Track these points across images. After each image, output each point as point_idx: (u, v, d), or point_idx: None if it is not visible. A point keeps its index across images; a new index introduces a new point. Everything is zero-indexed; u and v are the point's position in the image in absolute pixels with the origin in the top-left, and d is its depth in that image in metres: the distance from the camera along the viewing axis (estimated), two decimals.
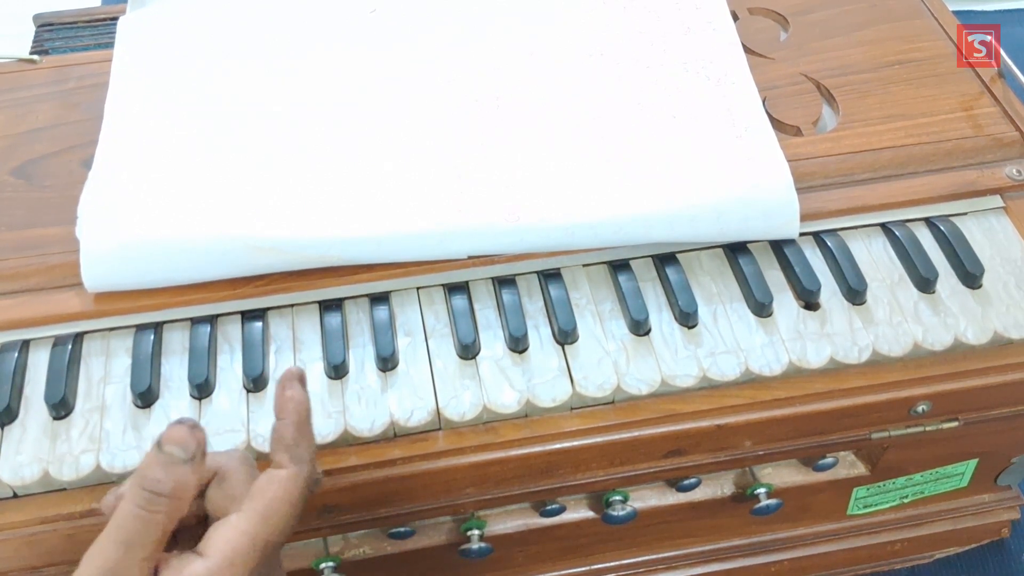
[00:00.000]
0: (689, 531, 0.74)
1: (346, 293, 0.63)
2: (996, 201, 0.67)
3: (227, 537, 0.47)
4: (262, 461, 0.53)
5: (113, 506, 0.49)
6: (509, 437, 0.59)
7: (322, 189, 0.63)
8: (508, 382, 0.59)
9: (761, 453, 0.64)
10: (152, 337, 0.61)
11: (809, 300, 0.63)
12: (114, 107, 0.69)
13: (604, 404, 0.60)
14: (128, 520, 0.46)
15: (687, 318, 0.61)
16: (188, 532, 0.49)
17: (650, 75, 0.70)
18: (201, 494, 0.50)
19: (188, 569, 0.46)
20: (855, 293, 0.62)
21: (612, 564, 0.75)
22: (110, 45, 0.75)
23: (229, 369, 0.60)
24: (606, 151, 0.65)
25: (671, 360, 0.60)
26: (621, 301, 0.62)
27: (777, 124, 0.69)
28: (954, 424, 0.65)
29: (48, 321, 0.61)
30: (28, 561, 0.59)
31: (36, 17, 0.87)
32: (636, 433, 0.59)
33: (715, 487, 0.71)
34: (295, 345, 0.61)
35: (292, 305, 0.63)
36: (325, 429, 0.58)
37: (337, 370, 0.59)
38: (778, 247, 0.65)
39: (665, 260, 0.64)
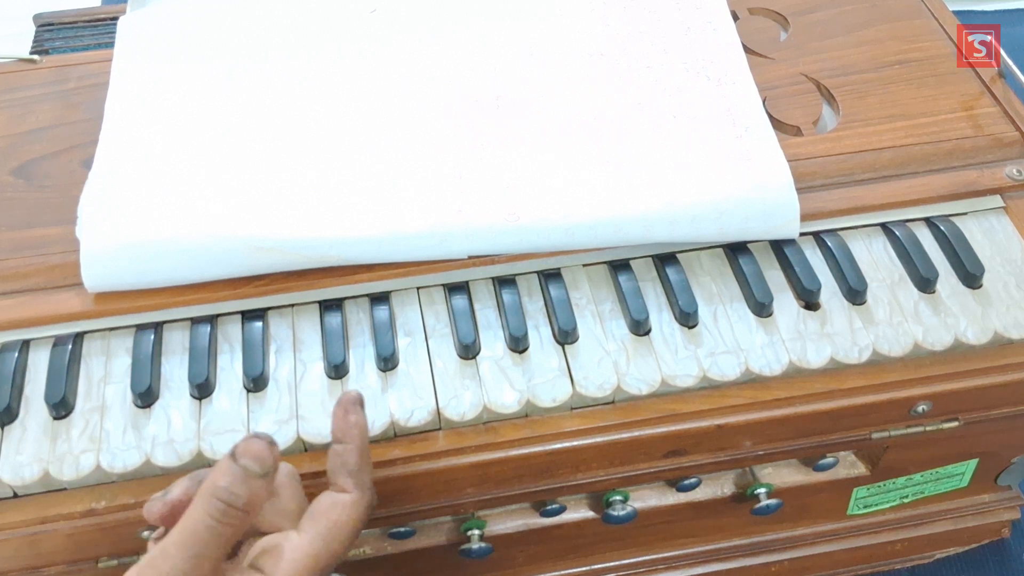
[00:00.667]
0: (689, 531, 0.74)
1: (346, 293, 0.63)
2: (996, 201, 0.67)
3: (293, 558, 0.48)
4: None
5: (160, 513, 0.49)
6: (509, 437, 0.59)
7: (322, 189, 0.63)
8: (508, 382, 0.59)
9: (761, 453, 0.64)
10: (152, 337, 0.61)
11: (809, 300, 0.63)
12: (114, 107, 0.69)
13: (604, 404, 0.60)
14: (200, 530, 0.46)
15: (687, 318, 0.61)
16: None
17: (650, 75, 0.70)
18: None
19: None
20: (855, 293, 0.62)
21: (612, 564, 0.75)
22: (110, 45, 0.75)
23: (229, 369, 0.60)
24: (606, 151, 0.65)
25: (671, 360, 0.60)
26: (621, 301, 0.62)
27: (777, 124, 0.69)
28: (954, 424, 0.65)
29: (48, 321, 0.61)
30: (28, 561, 0.59)
31: (36, 17, 0.87)
32: (636, 433, 0.59)
33: (715, 487, 0.71)
34: (295, 345, 0.61)
35: (292, 305, 0.63)
36: (325, 429, 0.58)
37: (337, 370, 0.59)
38: (778, 247, 0.65)
39: (665, 260, 0.64)
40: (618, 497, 0.67)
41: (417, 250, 0.62)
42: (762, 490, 0.69)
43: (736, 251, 0.64)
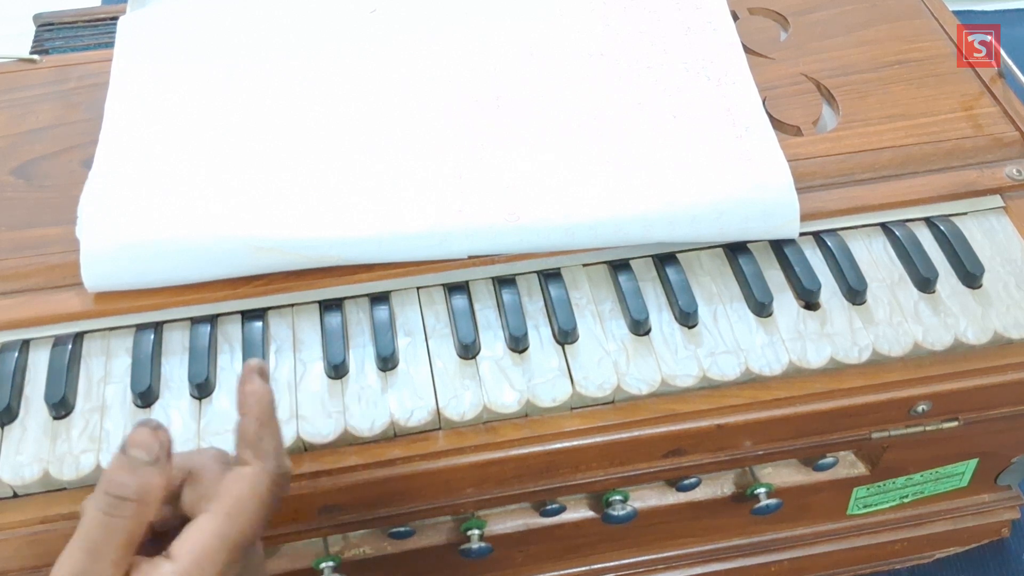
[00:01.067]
0: (689, 531, 0.74)
1: (346, 293, 0.63)
2: (996, 201, 0.67)
3: (194, 538, 0.46)
4: None
5: None
6: (509, 437, 0.59)
7: (322, 189, 0.63)
8: (508, 382, 0.59)
9: (761, 453, 0.64)
10: (152, 337, 0.61)
11: (809, 300, 0.63)
12: (114, 107, 0.69)
13: (604, 404, 0.60)
14: (93, 526, 0.45)
15: (687, 318, 0.61)
16: (172, 534, 0.49)
17: (650, 75, 0.70)
18: (178, 496, 0.49)
19: (156, 571, 0.45)
20: (855, 293, 0.62)
21: (612, 564, 0.75)
22: (110, 45, 0.75)
23: (229, 369, 0.60)
24: (606, 151, 0.65)
25: (671, 360, 0.60)
26: (621, 301, 0.62)
27: (777, 124, 0.69)
28: (954, 424, 0.65)
29: (48, 321, 0.61)
30: (28, 561, 0.58)
31: (36, 17, 0.87)
32: (636, 433, 0.59)
33: (715, 487, 0.71)
34: (295, 345, 0.61)
35: (292, 305, 0.63)
36: (325, 429, 0.58)
37: (337, 370, 0.59)
38: (778, 247, 0.65)
39: (665, 260, 0.64)
40: (618, 497, 0.67)
41: (417, 250, 0.62)
42: (762, 490, 0.69)
43: (736, 251, 0.64)
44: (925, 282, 0.63)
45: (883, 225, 0.66)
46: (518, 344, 0.60)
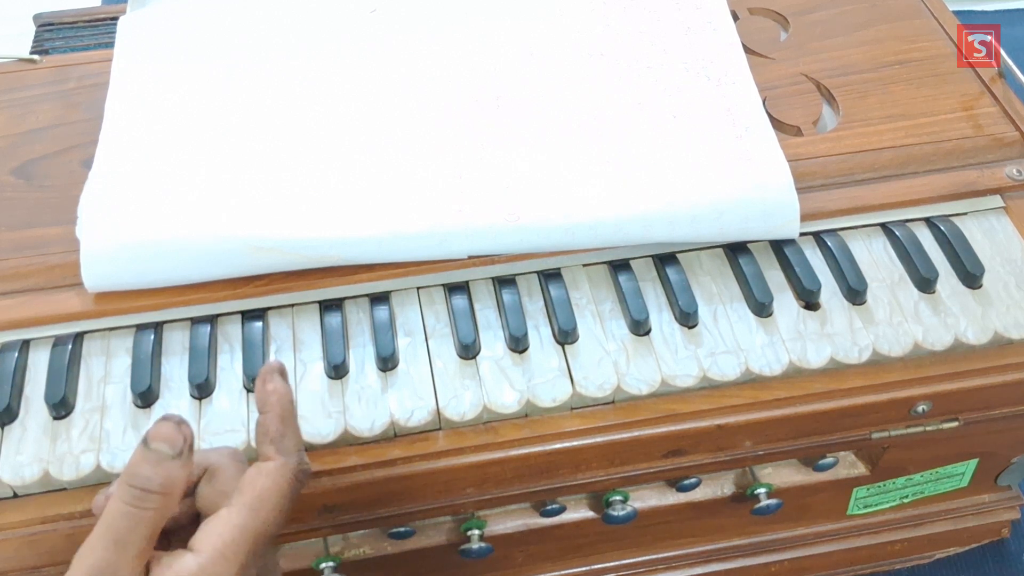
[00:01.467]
0: (689, 531, 0.74)
1: (346, 293, 0.63)
2: (996, 201, 0.67)
3: (218, 531, 0.47)
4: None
5: (103, 506, 0.49)
6: (509, 437, 0.59)
7: (322, 189, 0.63)
8: (508, 382, 0.59)
9: (761, 453, 0.64)
10: (152, 337, 0.61)
11: (809, 300, 0.63)
12: (114, 107, 0.69)
13: (604, 404, 0.60)
14: (117, 518, 0.46)
15: (687, 318, 0.61)
16: (181, 531, 0.49)
17: (650, 75, 0.70)
18: (192, 492, 0.50)
19: (179, 563, 0.46)
20: (855, 293, 0.62)
21: (612, 564, 0.75)
22: (110, 45, 0.75)
23: (229, 369, 0.60)
24: (606, 151, 0.65)
25: (671, 360, 0.60)
26: (621, 301, 0.62)
27: (777, 124, 0.69)
28: (954, 424, 0.65)
29: (48, 321, 0.61)
30: (28, 561, 0.58)
31: (36, 17, 0.87)
32: (636, 433, 0.59)
33: (715, 487, 0.71)
34: (295, 345, 0.61)
35: (292, 305, 0.63)
36: (325, 429, 0.58)
37: (337, 370, 0.59)
38: (778, 247, 0.65)
39: (665, 260, 0.64)
40: (618, 497, 0.67)
41: (417, 250, 0.62)
42: (762, 490, 0.69)
43: (736, 251, 0.64)
44: (925, 282, 0.63)
45: (883, 225, 0.66)
46: (518, 344, 0.60)
